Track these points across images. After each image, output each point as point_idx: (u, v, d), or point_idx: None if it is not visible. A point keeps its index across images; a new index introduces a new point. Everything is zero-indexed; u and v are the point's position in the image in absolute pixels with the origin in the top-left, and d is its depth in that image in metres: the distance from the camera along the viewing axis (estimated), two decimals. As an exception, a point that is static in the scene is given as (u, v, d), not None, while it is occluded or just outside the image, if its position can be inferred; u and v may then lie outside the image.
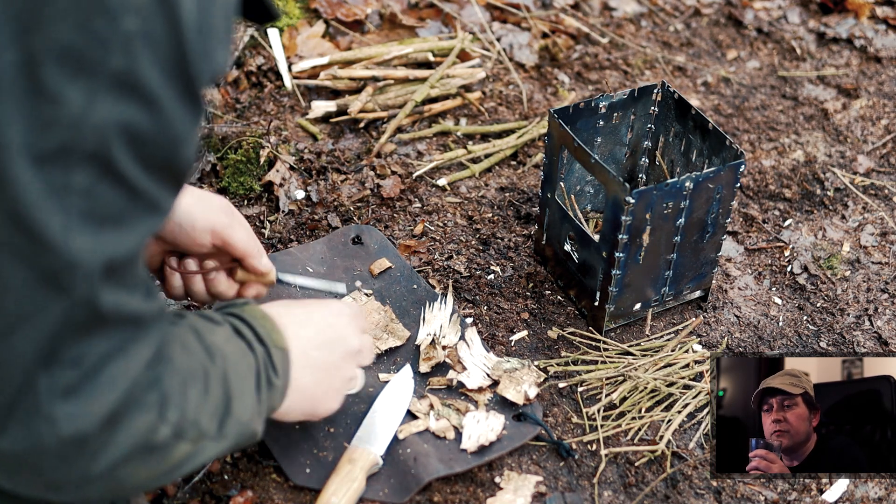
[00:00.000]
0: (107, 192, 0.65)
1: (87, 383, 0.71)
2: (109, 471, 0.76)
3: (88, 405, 0.71)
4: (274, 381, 0.97)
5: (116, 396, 0.73)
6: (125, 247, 0.69)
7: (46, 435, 0.70)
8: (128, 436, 0.76)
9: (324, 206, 1.59)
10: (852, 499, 1.22)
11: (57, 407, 0.70)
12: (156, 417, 0.78)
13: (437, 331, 1.34)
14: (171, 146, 0.68)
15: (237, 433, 0.91)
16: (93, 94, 0.62)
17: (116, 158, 0.64)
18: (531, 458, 1.22)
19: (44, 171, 0.62)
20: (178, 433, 0.82)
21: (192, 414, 0.83)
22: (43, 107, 0.61)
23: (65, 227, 0.64)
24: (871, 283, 1.53)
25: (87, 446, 0.73)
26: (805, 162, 1.78)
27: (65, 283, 0.66)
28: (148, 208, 0.69)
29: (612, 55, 2.05)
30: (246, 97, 1.81)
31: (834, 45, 2.14)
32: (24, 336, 0.67)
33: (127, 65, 0.62)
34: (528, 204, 1.62)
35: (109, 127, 0.63)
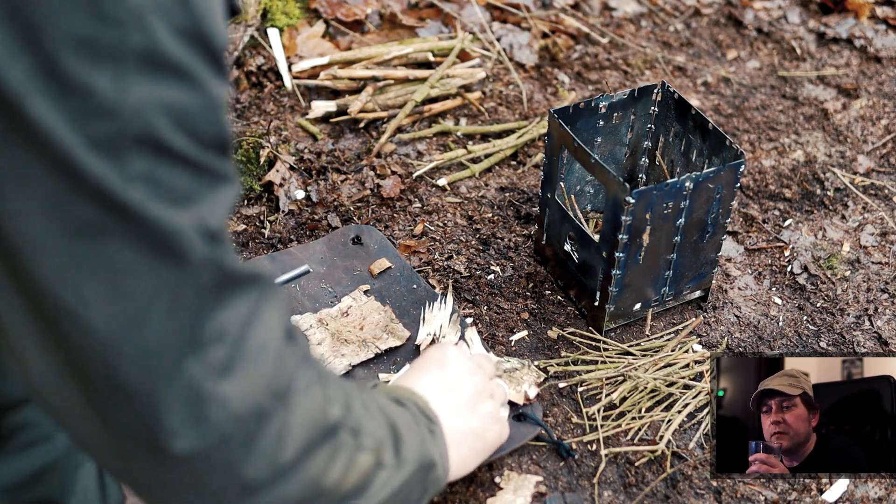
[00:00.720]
0: (169, 174, 0.62)
1: (239, 355, 0.67)
2: (301, 458, 0.72)
3: (250, 377, 0.67)
4: (433, 429, 0.95)
5: (270, 365, 0.69)
6: (213, 220, 0.65)
7: (223, 419, 0.66)
8: (304, 412, 0.72)
9: (324, 206, 1.59)
10: (852, 499, 1.22)
11: (221, 386, 0.65)
12: (321, 394, 0.74)
13: (437, 331, 1.34)
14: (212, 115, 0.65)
15: (416, 458, 0.87)
16: (122, 78, 0.59)
17: (166, 138, 0.62)
18: (531, 458, 1.22)
19: (98, 163, 0.60)
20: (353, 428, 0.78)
21: (358, 414, 0.80)
22: (78, 101, 0.59)
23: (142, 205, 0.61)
24: (871, 283, 1.53)
25: (270, 422, 0.69)
26: (805, 162, 1.78)
27: (177, 249, 0.63)
28: (215, 180, 0.66)
29: (612, 55, 2.05)
30: (246, 97, 1.81)
31: (834, 45, 2.14)
32: (160, 319, 0.63)
33: (147, 41, 0.60)
34: (528, 204, 1.63)
35: (150, 108, 0.61)
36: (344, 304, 1.38)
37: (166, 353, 0.63)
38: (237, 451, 0.68)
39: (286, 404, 0.71)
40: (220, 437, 0.66)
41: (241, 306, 0.68)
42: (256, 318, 0.69)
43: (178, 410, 0.64)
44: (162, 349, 0.63)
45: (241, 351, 0.67)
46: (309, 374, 0.74)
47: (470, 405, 1.06)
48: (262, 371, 0.68)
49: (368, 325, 1.35)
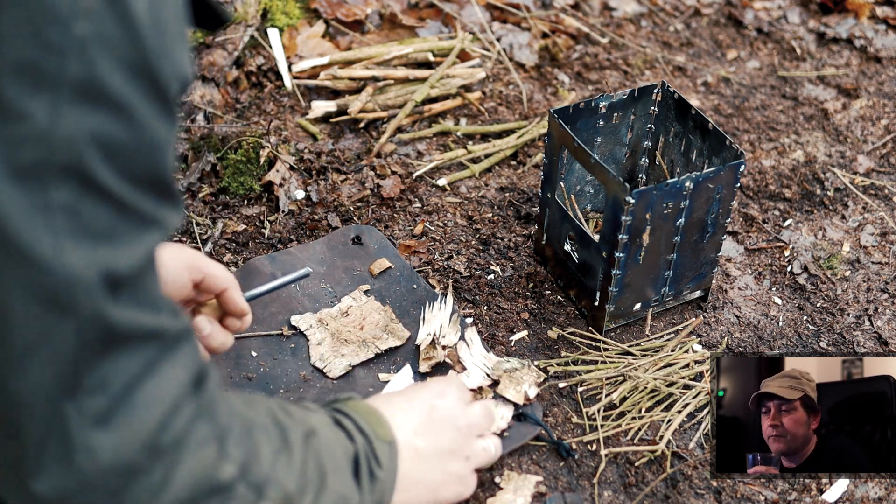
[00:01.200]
0: (92, 208, 0.62)
1: (120, 408, 0.67)
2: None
3: (125, 431, 0.67)
4: (377, 474, 0.92)
5: (155, 421, 0.68)
6: (125, 262, 0.65)
7: (87, 467, 0.66)
8: (187, 470, 0.71)
9: (324, 206, 1.59)
10: (852, 499, 1.22)
11: (91, 435, 0.65)
12: (214, 452, 0.73)
13: (437, 331, 1.34)
14: (149, 153, 0.64)
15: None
16: (56, 106, 0.59)
17: (94, 171, 0.61)
18: (531, 458, 1.22)
19: (24, 189, 0.60)
20: (252, 483, 0.76)
21: (267, 467, 0.78)
22: (10, 125, 0.59)
23: (55, 245, 0.61)
24: (871, 283, 1.53)
25: (140, 479, 0.69)
26: (805, 162, 1.78)
27: (68, 302, 0.63)
28: (141, 222, 0.66)
29: (612, 55, 2.05)
30: (246, 97, 1.81)
31: (834, 45, 2.14)
32: (39, 365, 0.63)
33: (86, 71, 0.60)
34: (528, 204, 1.63)
35: (80, 138, 0.60)
36: (344, 304, 1.38)
37: (44, 397, 0.64)
38: (101, 501, 0.67)
39: (168, 460, 0.70)
40: (83, 485, 0.66)
41: (132, 362, 0.67)
42: (150, 373, 0.68)
43: (46, 452, 0.65)
44: (40, 392, 0.64)
45: (122, 405, 0.67)
46: (204, 430, 0.73)
47: (438, 458, 1.02)
48: (143, 426, 0.68)
49: (368, 325, 1.35)
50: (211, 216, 1.56)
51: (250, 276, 1.39)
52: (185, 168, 1.65)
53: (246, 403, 0.81)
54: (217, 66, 1.79)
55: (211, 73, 1.78)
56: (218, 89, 1.79)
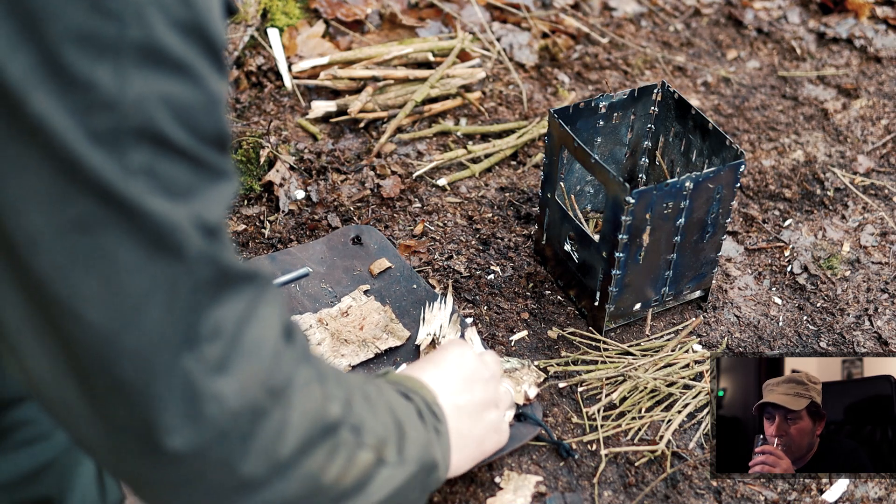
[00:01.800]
0: (169, 167, 0.63)
1: (235, 352, 0.66)
2: (299, 454, 0.72)
3: (244, 374, 0.67)
4: (440, 428, 0.94)
5: (267, 364, 0.69)
6: (210, 215, 0.65)
7: (218, 415, 0.65)
8: (302, 410, 0.72)
9: (324, 206, 1.59)
10: (852, 499, 1.22)
11: (217, 383, 0.65)
12: (319, 392, 0.74)
13: (437, 331, 1.34)
14: (211, 109, 0.65)
15: (418, 457, 0.87)
16: (122, 72, 0.60)
17: (165, 131, 0.62)
18: (531, 458, 1.22)
19: (108, 152, 0.60)
20: (354, 426, 0.78)
21: (360, 412, 0.79)
22: (79, 95, 0.59)
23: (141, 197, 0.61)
24: (871, 283, 1.53)
25: (265, 421, 0.69)
26: (805, 162, 1.78)
27: (174, 245, 0.63)
28: (214, 176, 0.66)
29: (612, 55, 2.05)
30: (246, 97, 1.81)
31: (834, 45, 2.14)
32: (156, 315, 0.63)
33: (146, 35, 0.60)
34: (528, 204, 1.63)
35: (148, 100, 0.61)
36: (344, 304, 1.38)
37: (162, 350, 0.63)
38: (234, 448, 0.67)
39: (283, 401, 0.70)
40: (217, 434, 0.66)
41: (238, 304, 0.67)
42: (253, 315, 0.69)
43: (173, 407, 0.64)
44: (158, 345, 0.63)
45: (236, 348, 0.67)
46: (307, 371, 0.74)
47: (477, 412, 1.06)
48: (258, 368, 0.68)
49: (368, 325, 1.35)
50: (211, 216, 1.56)
51: (250, 276, 1.39)
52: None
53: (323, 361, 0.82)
54: (217, 66, 1.79)
55: (211, 73, 1.78)
56: (218, 89, 1.79)
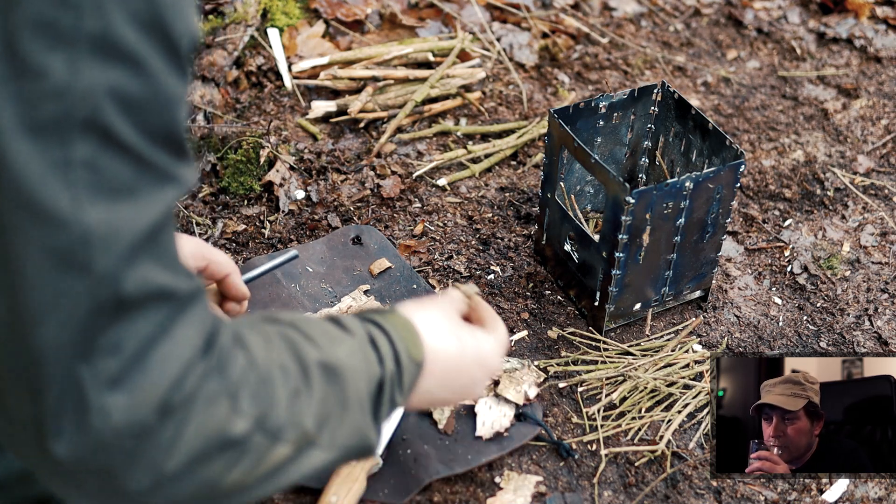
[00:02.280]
0: (111, 163, 0.63)
1: (133, 370, 0.67)
2: (188, 468, 0.71)
3: (138, 392, 0.67)
4: (398, 401, 0.92)
5: (167, 382, 0.68)
6: (144, 219, 0.65)
7: (102, 429, 0.66)
8: (196, 427, 0.71)
9: (324, 206, 1.59)
10: (852, 499, 1.22)
11: (105, 397, 0.66)
12: (226, 408, 0.73)
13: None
14: (163, 107, 0.65)
15: (351, 444, 0.86)
16: (74, 62, 0.60)
17: (113, 126, 0.62)
18: (531, 458, 1.22)
19: (43, 146, 0.60)
20: (268, 430, 0.77)
21: (287, 413, 0.78)
22: (29, 82, 0.60)
23: (74, 200, 0.61)
24: (871, 283, 1.53)
25: (152, 438, 0.69)
26: (805, 162, 1.78)
27: (82, 260, 0.63)
28: (159, 178, 0.66)
29: (612, 55, 2.05)
30: (246, 97, 1.81)
31: (834, 45, 2.14)
32: (54, 326, 0.64)
33: (102, 27, 0.61)
34: (528, 204, 1.63)
35: (98, 93, 0.61)
36: (344, 304, 1.38)
37: (57, 358, 0.64)
38: (116, 461, 0.68)
39: (177, 419, 0.70)
40: (98, 446, 0.67)
41: (144, 324, 0.67)
42: (163, 335, 0.68)
43: (62, 413, 0.65)
44: (54, 353, 0.64)
45: (135, 366, 0.67)
46: (216, 386, 0.72)
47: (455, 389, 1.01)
48: (156, 386, 0.68)
49: None
50: (211, 216, 1.56)
51: (250, 276, 1.39)
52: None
53: (266, 342, 0.80)
54: (217, 66, 1.79)
55: (211, 73, 1.78)
56: (218, 89, 1.79)
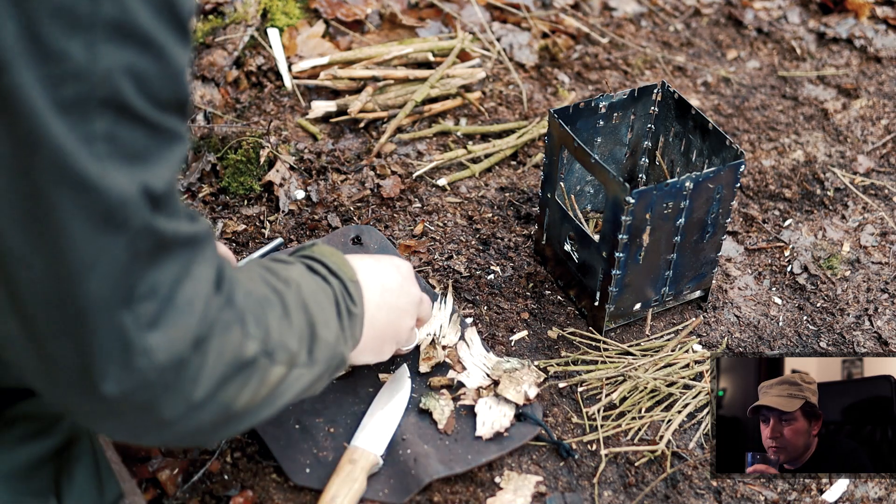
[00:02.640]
0: (128, 133, 0.69)
1: (168, 310, 0.74)
2: (213, 393, 0.79)
3: (175, 330, 0.74)
4: (353, 310, 1.01)
5: (197, 317, 0.76)
6: (161, 177, 0.72)
7: (147, 367, 0.73)
8: (219, 353, 0.79)
9: (324, 206, 1.59)
10: (852, 499, 1.22)
11: (148, 338, 0.73)
12: (239, 333, 0.81)
13: (437, 331, 1.34)
14: (173, 79, 0.72)
15: (327, 357, 0.95)
16: (93, 46, 0.65)
17: (128, 100, 0.68)
18: (531, 458, 1.22)
19: (71, 122, 0.66)
20: (268, 352, 0.84)
21: (277, 334, 0.86)
22: (52, 65, 0.65)
23: (101, 169, 0.68)
24: (871, 283, 1.53)
25: (186, 370, 0.76)
26: (805, 162, 1.78)
27: (120, 219, 0.69)
28: (168, 139, 0.73)
29: (612, 55, 2.05)
30: (246, 97, 1.81)
31: (834, 45, 2.14)
32: (98, 279, 0.70)
33: (119, 11, 0.66)
34: (528, 204, 1.62)
35: (115, 73, 0.67)
36: (344, 304, 1.38)
37: (102, 309, 0.71)
38: (157, 395, 0.75)
39: (203, 349, 0.77)
40: (143, 383, 0.74)
41: (174, 266, 0.75)
42: (187, 275, 0.76)
43: (108, 357, 0.72)
44: (99, 304, 0.71)
45: (169, 306, 0.74)
46: (229, 315, 0.80)
47: (394, 310, 1.12)
48: (188, 322, 0.75)
49: None
50: (211, 216, 1.56)
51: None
52: (185, 168, 1.65)
53: (248, 277, 0.88)
54: (217, 66, 1.79)
55: (211, 73, 1.78)
56: (218, 89, 1.79)
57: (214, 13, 1.90)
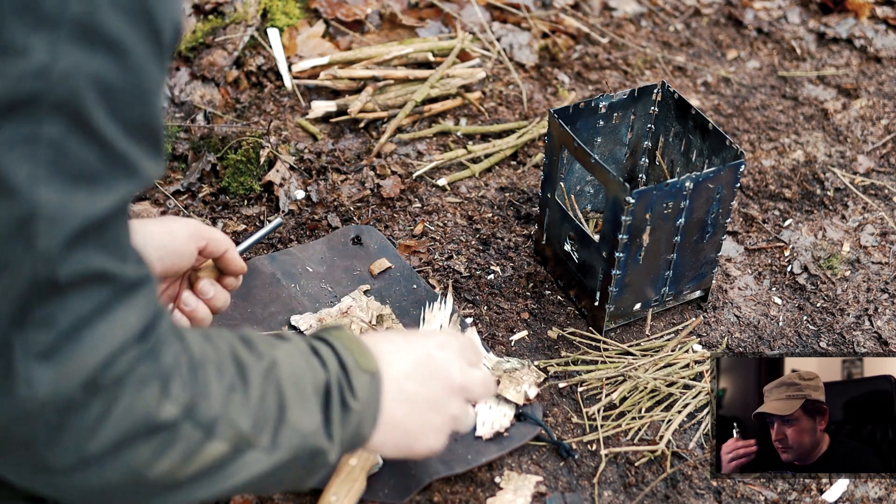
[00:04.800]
0: (79, 147, 0.64)
1: (63, 345, 0.68)
2: (112, 450, 0.72)
3: (66, 367, 0.68)
4: (351, 405, 0.88)
5: (99, 359, 0.69)
6: (99, 208, 0.66)
7: (27, 398, 0.67)
8: (127, 408, 0.71)
9: (324, 206, 1.59)
10: (852, 499, 1.22)
11: (33, 368, 0.67)
12: (157, 392, 0.73)
13: (437, 331, 1.34)
14: (140, 96, 0.66)
15: (295, 446, 0.83)
16: (56, 44, 0.61)
17: (88, 110, 0.63)
18: (531, 458, 1.22)
19: (12, 120, 0.61)
20: (198, 421, 0.76)
21: (218, 406, 0.78)
22: (9, 60, 0.60)
23: (31, 175, 0.62)
24: (871, 283, 1.53)
25: (76, 415, 0.69)
26: (805, 162, 1.78)
27: (27, 234, 0.64)
28: (123, 170, 0.67)
29: (612, 55, 2.05)
30: (246, 97, 1.81)
31: (834, 45, 2.14)
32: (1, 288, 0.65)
33: (86, 11, 0.62)
34: (528, 204, 1.63)
35: (77, 76, 0.62)
36: (344, 304, 1.38)
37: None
38: (38, 434, 0.69)
39: (105, 399, 0.70)
40: (20, 415, 0.68)
41: (84, 302, 0.68)
42: (100, 316, 0.69)
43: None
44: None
45: (66, 341, 0.68)
46: (148, 370, 0.73)
47: (424, 405, 0.97)
48: (84, 364, 0.69)
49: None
50: (211, 216, 1.56)
51: (251, 276, 1.39)
52: (184, 168, 1.65)
53: (205, 339, 0.80)
54: (217, 66, 1.79)
55: (211, 73, 1.78)
56: (218, 89, 1.79)
57: (214, 13, 1.90)
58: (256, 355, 0.83)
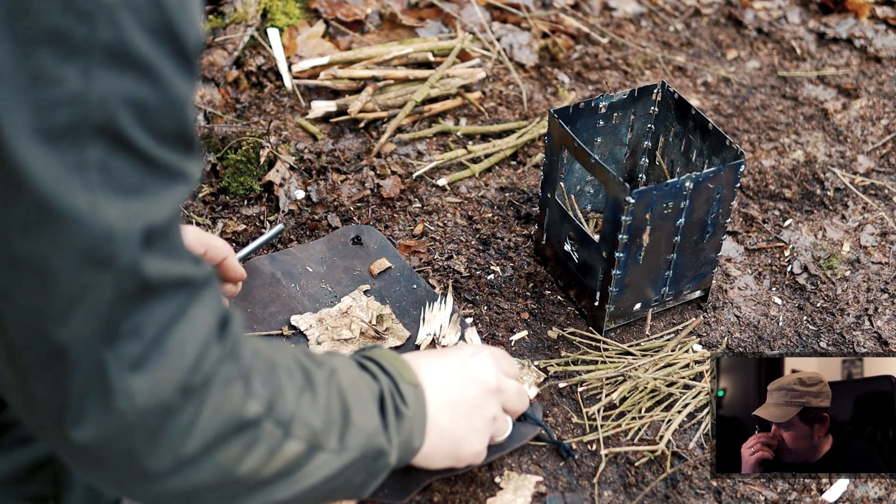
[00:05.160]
0: (123, 165, 0.66)
1: (154, 352, 0.70)
2: (207, 450, 0.74)
3: (161, 373, 0.70)
4: (403, 411, 0.93)
5: (188, 362, 0.72)
6: (156, 216, 0.68)
7: (126, 409, 0.69)
8: (216, 408, 0.74)
9: (324, 206, 1.59)
10: (852, 499, 1.22)
11: (129, 379, 0.69)
12: (241, 390, 0.76)
13: (437, 331, 1.34)
14: (174, 110, 0.68)
15: (362, 446, 0.87)
16: (89, 71, 0.63)
17: (125, 130, 0.65)
18: (531, 458, 1.22)
19: (58, 151, 0.63)
20: (278, 420, 0.79)
21: (293, 404, 0.81)
22: (44, 89, 0.62)
23: (91, 201, 0.64)
24: (871, 283, 1.53)
25: (173, 418, 0.72)
26: (805, 162, 1.78)
27: (105, 255, 0.66)
28: (167, 177, 0.69)
29: (612, 55, 2.05)
30: (246, 97, 1.81)
31: (834, 45, 2.14)
32: (81, 317, 0.67)
33: (115, 36, 0.63)
34: (528, 204, 1.63)
35: (112, 100, 0.64)
36: (344, 304, 1.38)
37: (82, 346, 0.68)
38: (139, 442, 0.71)
39: (196, 400, 0.73)
40: (122, 427, 0.70)
41: (164, 309, 0.71)
42: (181, 318, 0.72)
43: (86, 397, 0.68)
44: (79, 342, 0.67)
45: (156, 348, 0.70)
46: (231, 369, 0.76)
47: (466, 410, 1.03)
48: (176, 368, 0.71)
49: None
50: (211, 216, 1.56)
51: (250, 276, 1.39)
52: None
53: (270, 346, 0.84)
54: (217, 66, 1.79)
55: (211, 73, 1.78)
56: (218, 89, 1.79)
57: (214, 13, 1.90)
58: (316, 362, 0.87)
